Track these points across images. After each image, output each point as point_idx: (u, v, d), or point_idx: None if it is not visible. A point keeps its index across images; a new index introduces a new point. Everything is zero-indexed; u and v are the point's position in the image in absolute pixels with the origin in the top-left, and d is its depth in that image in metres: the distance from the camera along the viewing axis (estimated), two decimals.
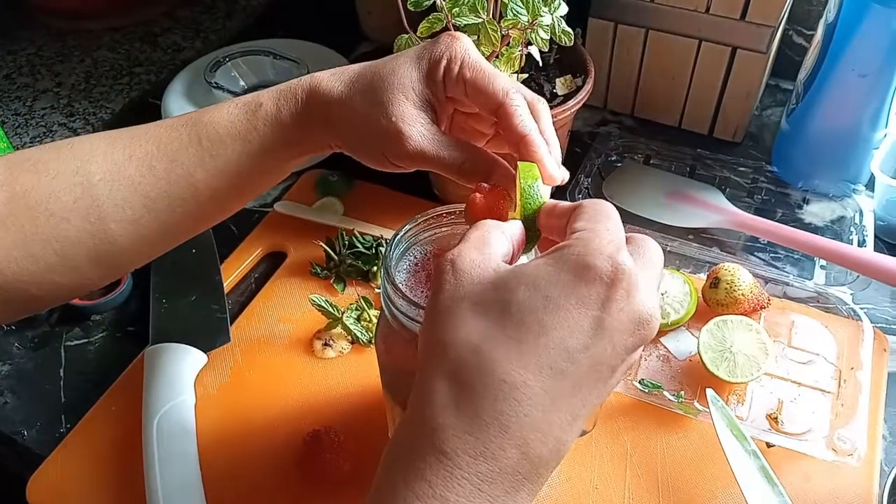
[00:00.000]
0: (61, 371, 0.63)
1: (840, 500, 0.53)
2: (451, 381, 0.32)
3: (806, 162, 0.75)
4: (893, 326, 0.65)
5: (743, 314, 0.61)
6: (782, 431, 0.56)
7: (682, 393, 0.57)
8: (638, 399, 0.58)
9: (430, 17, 0.56)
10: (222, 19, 1.06)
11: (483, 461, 0.31)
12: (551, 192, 0.42)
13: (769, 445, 0.55)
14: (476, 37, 0.59)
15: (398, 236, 0.44)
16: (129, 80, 0.95)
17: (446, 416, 0.31)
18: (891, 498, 0.49)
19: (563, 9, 0.57)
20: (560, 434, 0.32)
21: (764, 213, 0.73)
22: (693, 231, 0.71)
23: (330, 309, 0.62)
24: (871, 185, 0.73)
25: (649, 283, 0.34)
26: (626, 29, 0.80)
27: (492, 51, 0.58)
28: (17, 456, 0.59)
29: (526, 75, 0.68)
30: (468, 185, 0.44)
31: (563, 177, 0.43)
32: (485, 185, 0.44)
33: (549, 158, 0.42)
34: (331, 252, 0.68)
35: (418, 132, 0.44)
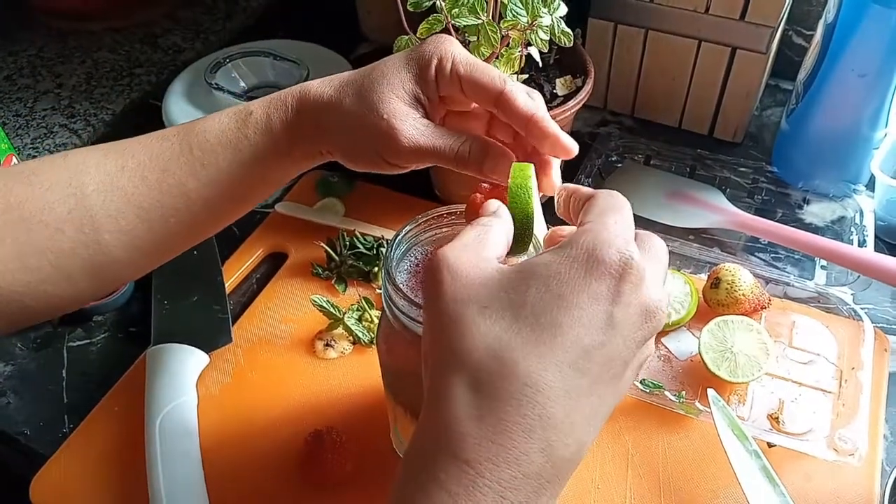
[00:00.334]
0: (64, 371, 0.63)
1: (841, 499, 0.53)
2: (472, 390, 0.31)
3: (806, 162, 0.75)
4: (894, 326, 0.65)
5: (744, 314, 0.61)
6: (783, 431, 0.56)
7: (684, 393, 0.58)
8: (639, 399, 0.58)
9: (429, 18, 0.56)
10: (222, 20, 1.06)
11: (506, 467, 0.30)
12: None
13: (770, 445, 0.55)
14: (476, 38, 0.59)
15: (399, 237, 0.44)
16: (129, 80, 0.95)
17: (468, 425, 0.31)
18: (892, 498, 0.49)
19: (563, 9, 0.57)
20: (581, 435, 0.32)
21: (764, 214, 0.73)
22: (694, 231, 0.71)
23: (331, 309, 0.62)
24: (871, 185, 0.73)
25: (655, 275, 0.34)
26: (625, 29, 0.80)
27: (491, 52, 0.58)
28: (19, 456, 0.59)
29: (526, 76, 0.68)
30: (468, 172, 0.44)
31: (573, 150, 0.43)
32: (485, 185, 0.44)
33: (561, 133, 0.42)
34: (332, 253, 0.68)
35: (411, 126, 0.44)
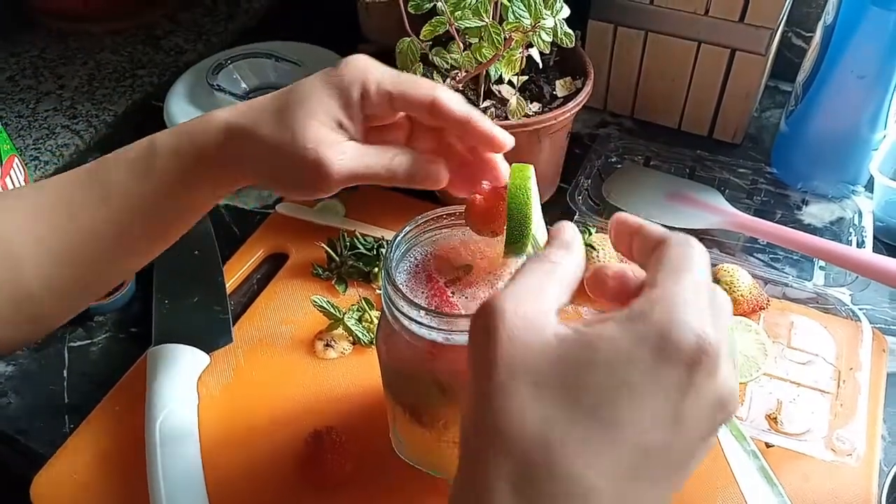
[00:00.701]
0: (64, 372, 0.63)
1: (839, 499, 0.53)
2: (514, 487, 0.28)
3: (805, 163, 0.75)
4: (892, 327, 0.65)
5: (742, 315, 0.61)
6: (781, 432, 0.56)
7: None
8: None
9: (432, 20, 0.57)
10: (224, 22, 1.07)
11: None
12: (553, 192, 0.43)
13: (768, 445, 0.55)
14: (478, 39, 0.59)
15: (399, 238, 0.45)
16: (131, 82, 0.95)
17: None
18: (889, 498, 0.49)
19: (566, 11, 0.58)
20: None
21: (763, 215, 0.73)
22: (693, 232, 0.69)
23: (331, 310, 0.62)
24: (870, 187, 0.73)
25: (728, 355, 0.29)
26: (625, 31, 0.80)
27: (494, 53, 0.58)
28: (20, 456, 0.59)
29: (526, 77, 0.68)
30: (401, 185, 0.44)
31: (510, 141, 0.43)
32: (485, 185, 0.44)
33: (496, 127, 0.42)
34: (332, 253, 0.68)
35: (339, 151, 0.43)
